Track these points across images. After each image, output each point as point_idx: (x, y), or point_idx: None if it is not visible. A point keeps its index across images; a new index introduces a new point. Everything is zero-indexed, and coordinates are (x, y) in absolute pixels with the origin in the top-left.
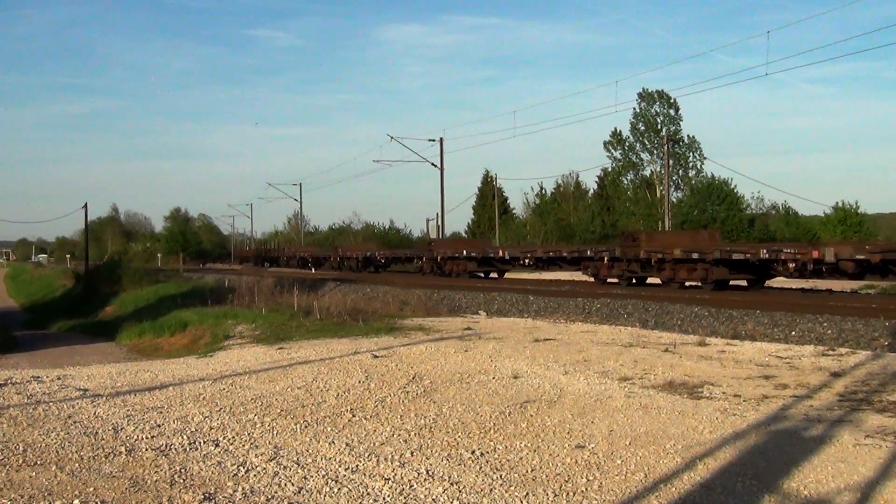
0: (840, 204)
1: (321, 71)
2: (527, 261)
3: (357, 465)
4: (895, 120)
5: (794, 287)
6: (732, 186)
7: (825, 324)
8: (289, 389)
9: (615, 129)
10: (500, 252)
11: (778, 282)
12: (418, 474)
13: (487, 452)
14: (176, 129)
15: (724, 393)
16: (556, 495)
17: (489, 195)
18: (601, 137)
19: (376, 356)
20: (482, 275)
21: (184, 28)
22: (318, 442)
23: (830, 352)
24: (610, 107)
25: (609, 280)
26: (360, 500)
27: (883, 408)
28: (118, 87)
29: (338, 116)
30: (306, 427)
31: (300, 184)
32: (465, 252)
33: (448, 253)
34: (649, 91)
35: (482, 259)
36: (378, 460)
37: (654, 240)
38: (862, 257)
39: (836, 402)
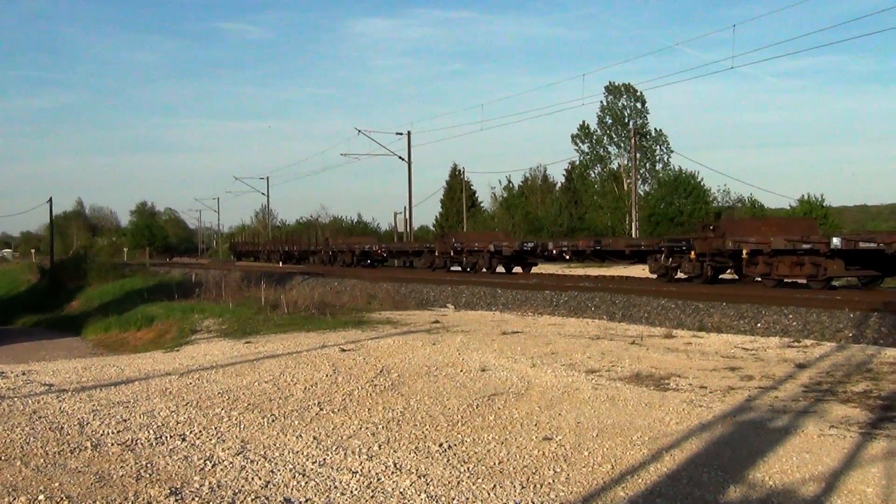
0: (805, 197)
1: (289, 64)
2: None
3: (324, 459)
4: (860, 113)
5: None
6: (699, 179)
7: (790, 315)
8: (256, 383)
9: (583, 122)
10: None
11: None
12: (386, 467)
13: (455, 445)
14: (142, 122)
15: (690, 384)
16: (523, 487)
17: (457, 189)
18: (569, 131)
19: (344, 350)
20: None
21: (151, 21)
22: (286, 436)
23: (796, 343)
24: (577, 100)
25: None
26: (327, 494)
27: (847, 398)
28: (84, 80)
29: (306, 110)
30: (273, 421)
31: (267, 178)
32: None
33: (769, 244)
34: (616, 84)
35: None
36: (345, 454)
37: None
38: None
39: (802, 394)
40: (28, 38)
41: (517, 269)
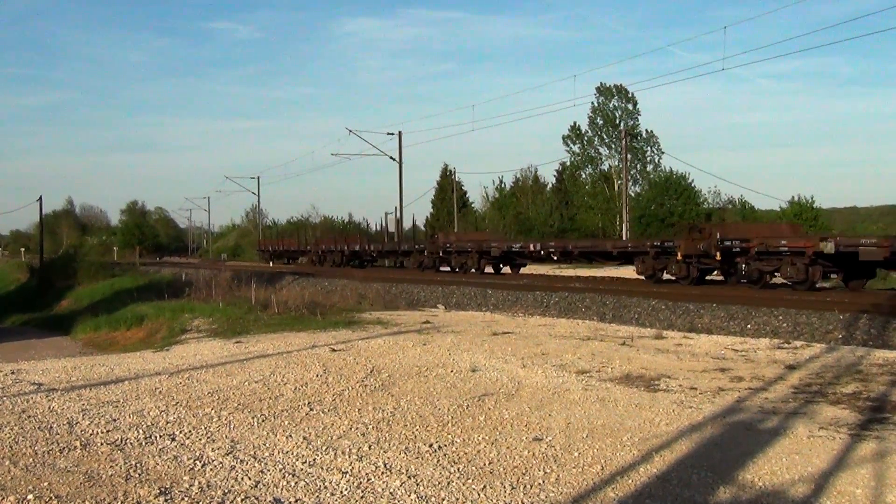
0: (796, 198)
1: (280, 64)
2: None
3: (314, 459)
4: (851, 115)
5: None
6: (690, 180)
7: (780, 317)
8: (246, 383)
9: (574, 123)
10: None
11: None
12: (376, 468)
13: (445, 445)
14: (133, 121)
15: (680, 386)
16: (513, 488)
17: (448, 189)
18: (560, 132)
19: (334, 350)
20: None
21: (141, 20)
22: (276, 436)
23: (785, 345)
24: (568, 101)
25: None
26: (317, 494)
27: (837, 400)
28: (74, 79)
29: (296, 110)
30: (263, 421)
31: (258, 177)
32: None
33: None
34: (607, 86)
35: None
36: (335, 454)
37: None
38: None
39: (791, 395)
40: (18, 36)
41: (823, 285)
